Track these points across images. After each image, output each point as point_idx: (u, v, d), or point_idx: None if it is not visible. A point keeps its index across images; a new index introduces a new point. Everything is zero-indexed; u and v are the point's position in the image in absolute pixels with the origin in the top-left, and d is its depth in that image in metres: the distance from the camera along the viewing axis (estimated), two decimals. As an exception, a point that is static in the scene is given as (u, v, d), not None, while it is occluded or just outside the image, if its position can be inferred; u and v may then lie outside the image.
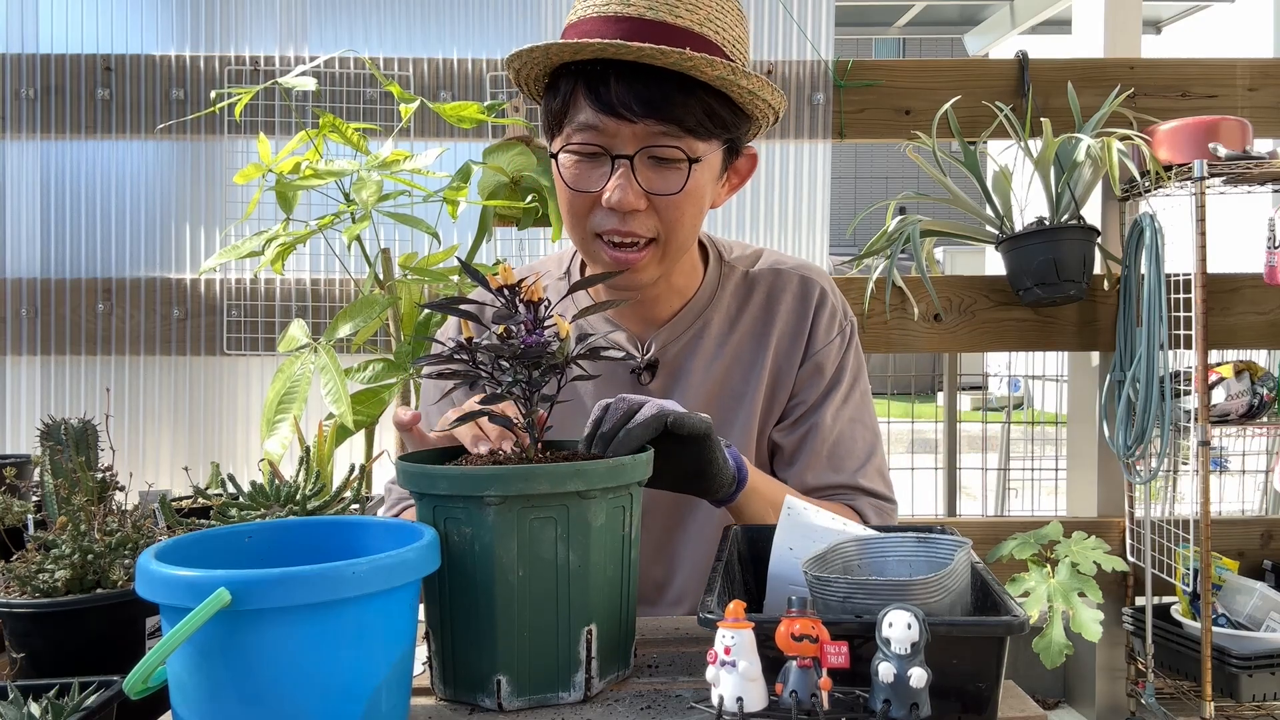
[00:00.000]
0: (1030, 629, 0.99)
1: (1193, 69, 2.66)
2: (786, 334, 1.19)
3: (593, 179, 1.03)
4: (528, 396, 0.83)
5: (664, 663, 0.88)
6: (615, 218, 1.03)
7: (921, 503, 3.64)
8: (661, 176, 1.02)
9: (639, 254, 1.05)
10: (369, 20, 2.60)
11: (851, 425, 1.19)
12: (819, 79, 2.61)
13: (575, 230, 1.08)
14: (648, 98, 0.97)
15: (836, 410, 1.18)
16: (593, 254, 1.08)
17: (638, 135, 1.00)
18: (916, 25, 6.44)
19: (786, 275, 1.21)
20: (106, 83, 2.55)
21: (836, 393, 1.19)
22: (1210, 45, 6.32)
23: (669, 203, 1.03)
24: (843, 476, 1.16)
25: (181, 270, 2.59)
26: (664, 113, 0.98)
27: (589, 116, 1.00)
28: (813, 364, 1.19)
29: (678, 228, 1.05)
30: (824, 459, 1.16)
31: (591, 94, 0.99)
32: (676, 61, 0.95)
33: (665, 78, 0.97)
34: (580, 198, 1.04)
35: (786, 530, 0.89)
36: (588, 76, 0.99)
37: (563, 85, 1.02)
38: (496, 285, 0.82)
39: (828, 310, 1.20)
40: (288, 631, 0.62)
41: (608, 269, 1.06)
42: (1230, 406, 2.37)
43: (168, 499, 1.32)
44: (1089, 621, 1.98)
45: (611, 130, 1.00)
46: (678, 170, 1.02)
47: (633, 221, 1.03)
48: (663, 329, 1.18)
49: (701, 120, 1.00)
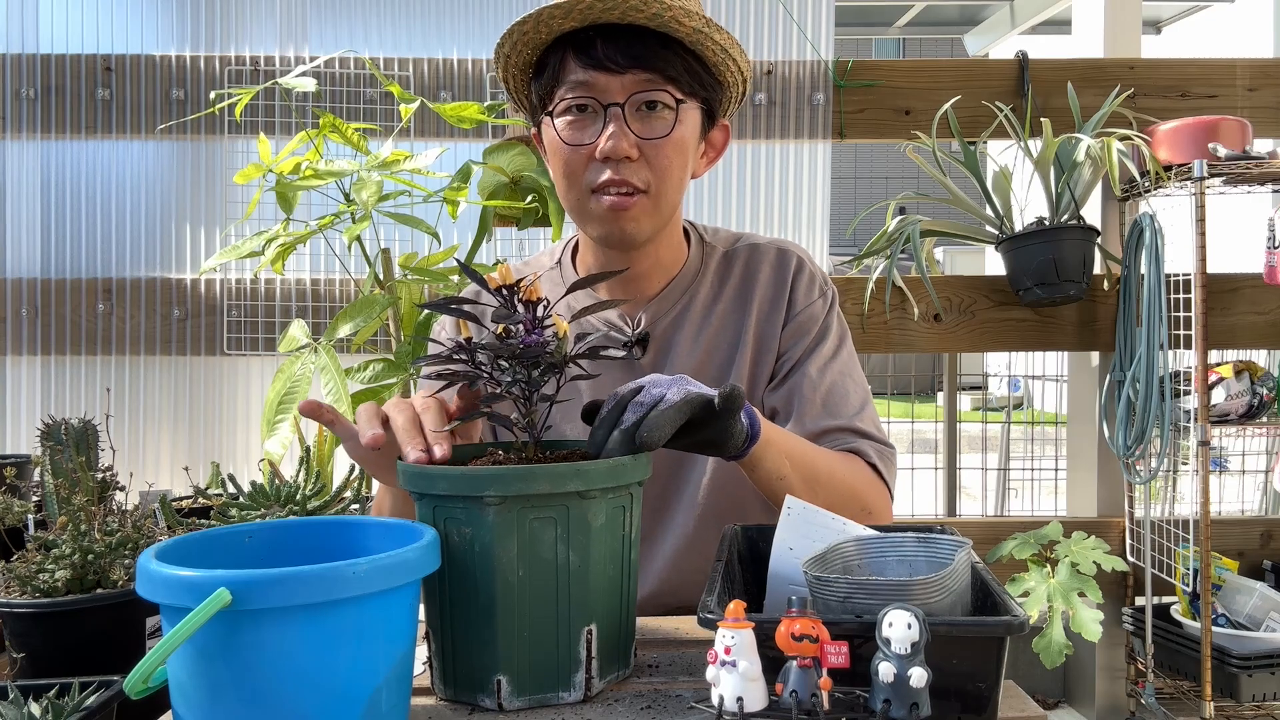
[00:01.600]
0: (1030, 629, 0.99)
1: (1193, 69, 2.66)
2: (766, 299, 1.23)
3: (586, 133, 1.10)
4: (527, 396, 0.83)
5: (664, 663, 0.88)
6: (609, 168, 1.10)
7: (921, 503, 3.64)
8: (650, 123, 1.10)
9: (632, 200, 1.12)
10: (369, 20, 2.60)
11: (842, 378, 1.21)
12: (819, 79, 2.61)
13: (571, 190, 1.14)
14: (632, 52, 1.06)
15: (825, 363, 1.21)
16: (588, 211, 1.14)
17: (625, 85, 1.08)
18: (916, 25, 6.44)
19: (763, 249, 1.27)
20: (106, 83, 2.55)
21: (824, 346, 1.22)
22: (1210, 45, 6.32)
23: (658, 150, 1.10)
24: (840, 420, 1.17)
25: (182, 270, 2.59)
26: (647, 63, 1.07)
27: (579, 75, 1.08)
28: (795, 324, 1.22)
29: (667, 176, 1.12)
30: (818, 406, 1.18)
31: (580, 54, 1.07)
32: (658, 12, 1.03)
33: (647, 36, 1.06)
34: (575, 154, 1.11)
35: (786, 530, 0.89)
36: (575, 42, 1.08)
37: (551, 59, 1.10)
38: (495, 285, 0.82)
39: (806, 275, 1.25)
40: (288, 631, 0.62)
41: (606, 223, 1.13)
42: (1230, 406, 2.37)
43: (168, 499, 1.32)
44: (1089, 621, 1.98)
45: (601, 84, 1.08)
46: (664, 118, 1.10)
47: (625, 169, 1.10)
48: (650, 304, 1.23)
49: (681, 73, 1.09)
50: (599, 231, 1.14)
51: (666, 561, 1.22)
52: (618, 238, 1.14)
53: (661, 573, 1.22)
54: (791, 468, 1.02)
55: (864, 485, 1.12)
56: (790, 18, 2.61)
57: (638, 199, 1.11)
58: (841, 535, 0.86)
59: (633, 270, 1.21)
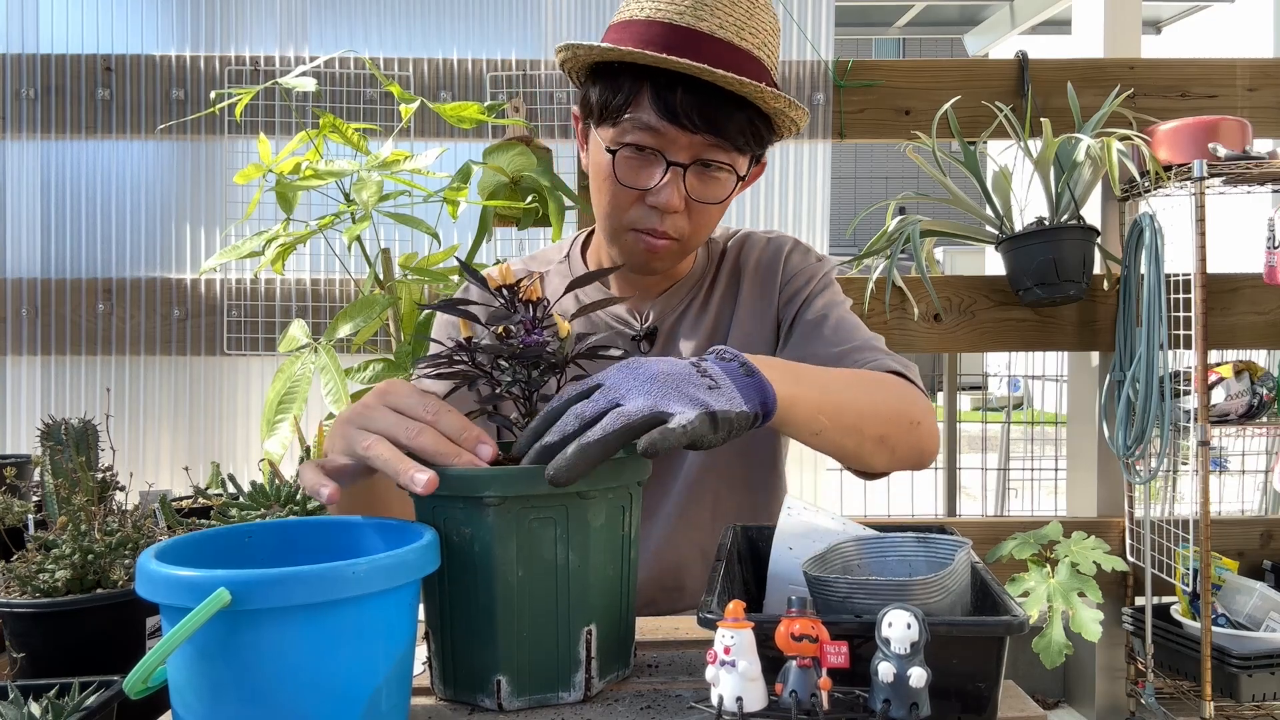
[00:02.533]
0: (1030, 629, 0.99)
1: (1193, 69, 2.66)
2: (760, 273, 1.24)
3: (641, 177, 1.09)
4: (527, 396, 0.83)
5: (664, 663, 0.88)
6: (655, 217, 1.09)
7: (921, 503, 3.64)
8: (706, 186, 1.09)
9: (666, 244, 1.12)
10: (369, 20, 2.60)
11: (849, 315, 1.20)
12: (819, 79, 2.61)
13: (610, 220, 1.13)
14: (708, 113, 1.04)
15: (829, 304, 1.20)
16: (622, 241, 1.14)
17: (694, 145, 1.06)
18: (916, 25, 6.45)
19: (756, 237, 1.29)
20: (106, 83, 2.55)
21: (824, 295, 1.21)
22: (1210, 45, 6.32)
23: (703, 209, 1.11)
24: (854, 343, 1.14)
25: (182, 270, 2.59)
26: (720, 128, 1.05)
27: (652, 119, 1.05)
28: (791, 288, 1.22)
29: (701, 230, 1.14)
30: (829, 335, 1.16)
31: (658, 99, 1.04)
32: (750, 92, 1.02)
33: (724, 95, 1.03)
34: (626, 193, 1.10)
35: (786, 530, 0.89)
36: (655, 81, 1.04)
37: (626, 82, 1.06)
38: (495, 285, 0.82)
39: (800, 250, 1.27)
40: (288, 631, 0.62)
41: (634, 256, 1.13)
42: (1230, 406, 2.37)
43: (168, 499, 1.32)
44: (1089, 621, 1.98)
45: (671, 137, 1.06)
46: (719, 182, 1.10)
47: (667, 221, 1.10)
48: (659, 300, 1.24)
49: (747, 138, 1.07)
50: (623, 260, 1.16)
51: (660, 542, 1.22)
52: (640, 270, 1.16)
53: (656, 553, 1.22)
54: (827, 419, 0.90)
55: (904, 400, 1.03)
56: (790, 18, 2.61)
57: (670, 244, 1.12)
58: (841, 535, 0.86)
59: None
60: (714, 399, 0.74)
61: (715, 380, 0.77)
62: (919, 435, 1.02)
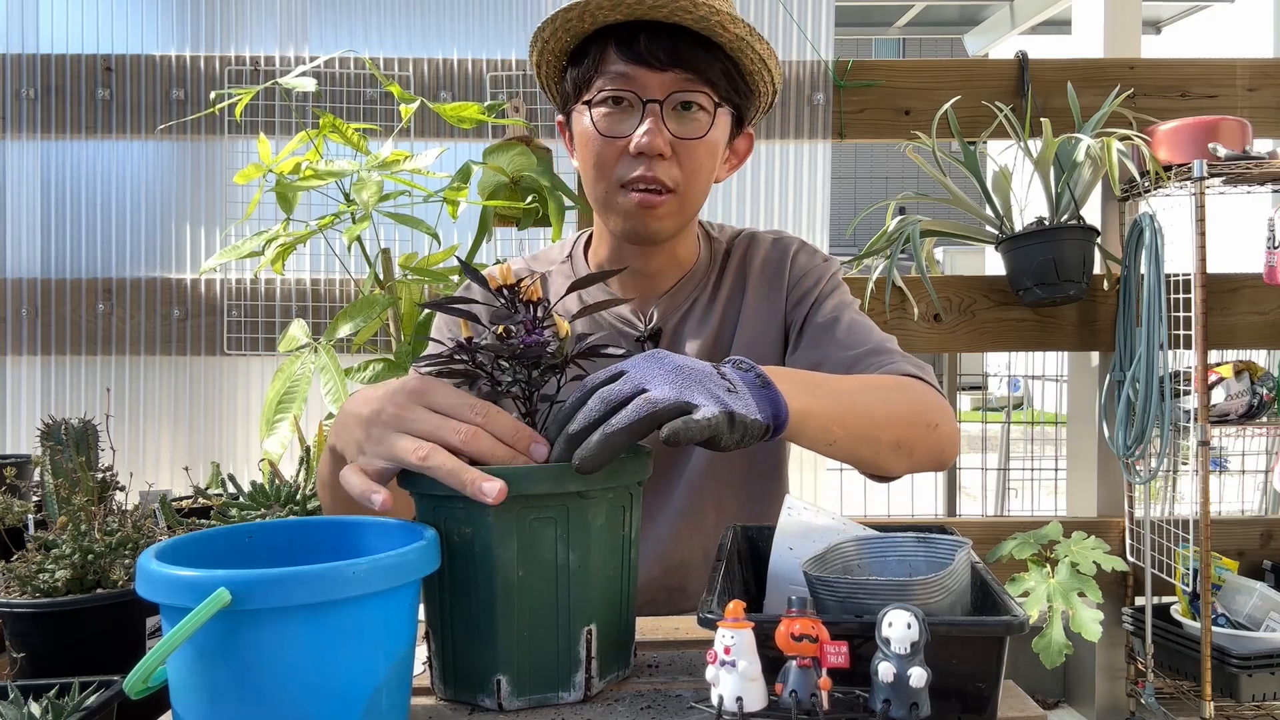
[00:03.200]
0: (1030, 629, 0.99)
1: (1192, 69, 2.66)
2: (764, 279, 1.25)
3: (622, 126, 1.10)
4: (527, 396, 0.83)
5: (664, 663, 0.88)
6: (642, 164, 1.10)
7: (921, 503, 3.64)
8: (685, 123, 1.10)
9: (661, 199, 1.12)
10: (369, 20, 2.60)
11: (860, 317, 1.21)
12: (819, 79, 2.61)
13: (600, 181, 1.14)
14: (675, 50, 1.07)
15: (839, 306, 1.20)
16: (615, 205, 1.14)
17: (665, 83, 1.08)
18: (916, 25, 6.45)
19: (761, 236, 1.30)
20: (106, 83, 2.55)
21: (834, 296, 1.22)
22: (1210, 45, 6.32)
23: (691, 150, 1.11)
24: (868, 346, 1.14)
25: (182, 270, 2.59)
26: (688, 63, 1.07)
27: (620, 67, 1.08)
28: (799, 290, 1.23)
29: (695, 177, 1.13)
30: (841, 342, 1.15)
31: (623, 47, 1.08)
32: (705, 15, 1.04)
33: (690, 37, 1.07)
34: (609, 145, 1.11)
35: (786, 530, 0.89)
36: (618, 35, 1.08)
37: (592, 49, 1.10)
38: (495, 285, 0.82)
39: (806, 250, 1.27)
40: (288, 631, 0.62)
41: (631, 217, 1.13)
42: (1230, 406, 2.37)
43: (168, 499, 1.32)
44: (1089, 621, 1.98)
45: (641, 79, 1.08)
46: (699, 119, 1.11)
47: (657, 167, 1.10)
48: (662, 299, 1.24)
49: (719, 77, 1.10)
50: (623, 226, 1.15)
51: (664, 543, 1.22)
52: (641, 234, 1.15)
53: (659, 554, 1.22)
54: (841, 430, 0.89)
55: (920, 404, 1.01)
56: (790, 18, 2.61)
57: (666, 198, 1.12)
58: (841, 535, 0.86)
59: (647, 267, 1.22)
60: (733, 401, 0.74)
61: (733, 385, 0.76)
62: (937, 437, 1.02)
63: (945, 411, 1.04)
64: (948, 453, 1.05)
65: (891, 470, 1.01)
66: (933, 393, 1.05)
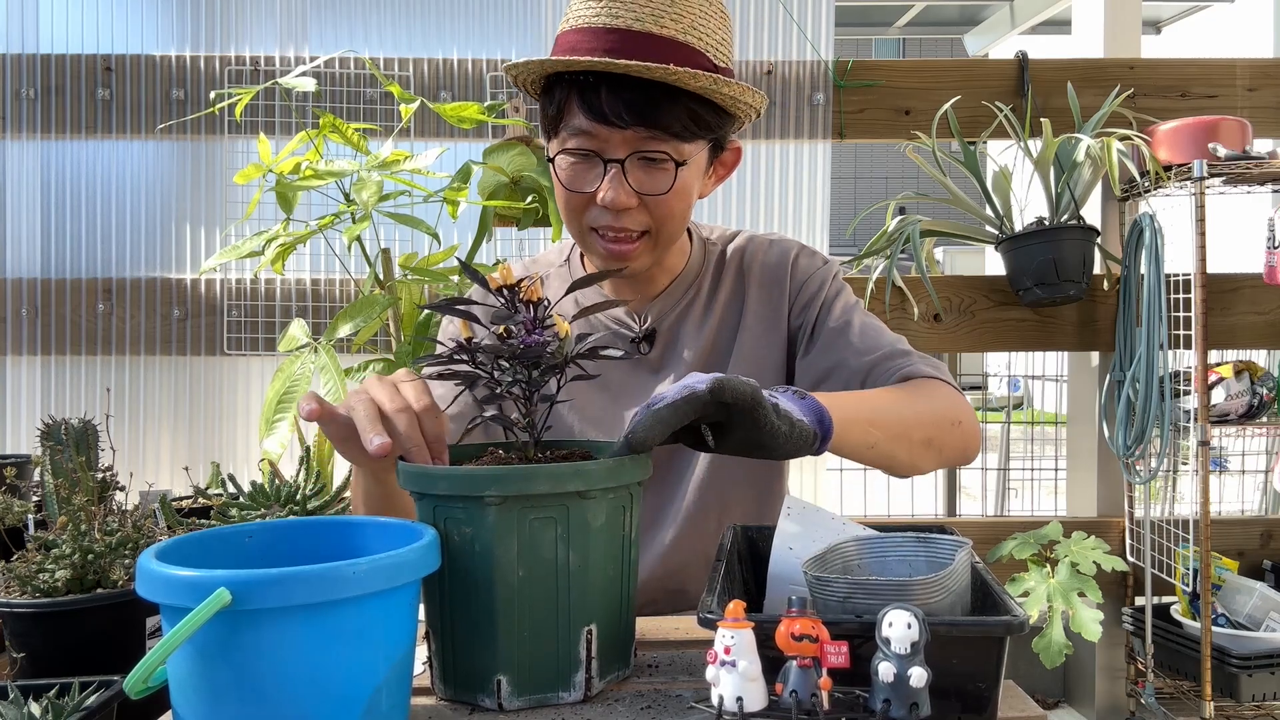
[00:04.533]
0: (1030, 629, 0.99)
1: (1192, 69, 2.66)
2: (765, 282, 1.24)
3: (587, 180, 1.10)
4: (527, 396, 0.83)
5: (664, 663, 0.88)
6: (609, 215, 1.10)
7: (921, 503, 3.64)
8: (651, 177, 1.09)
9: (632, 245, 1.12)
10: (369, 20, 2.60)
11: (869, 318, 1.21)
12: (819, 79, 2.61)
13: (572, 225, 1.15)
14: (636, 106, 1.03)
15: (847, 310, 1.20)
16: (589, 247, 1.15)
17: (628, 140, 1.06)
18: (916, 25, 6.44)
19: (760, 239, 1.29)
20: (106, 83, 2.55)
21: (840, 298, 1.22)
22: (1210, 45, 6.32)
23: (658, 201, 1.10)
24: (882, 350, 1.15)
25: (182, 270, 2.59)
26: (651, 120, 1.04)
27: (582, 123, 1.06)
28: (804, 296, 1.23)
29: (667, 222, 1.12)
30: (856, 345, 1.16)
31: (584, 103, 1.05)
32: (662, 76, 1.01)
33: (653, 86, 1.03)
34: (576, 196, 1.11)
35: (786, 530, 0.89)
36: (580, 86, 1.05)
37: (557, 92, 1.08)
38: (496, 285, 0.82)
39: (805, 253, 1.27)
40: (288, 631, 0.62)
41: (604, 261, 1.14)
42: (1230, 406, 2.37)
43: (168, 499, 1.32)
44: (1089, 621, 1.98)
45: (604, 136, 1.06)
46: (665, 171, 1.09)
47: (625, 218, 1.10)
48: (656, 301, 1.24)
49: (686, 125, 1.07)
50: (599, 265, 1.16)
51: (667, 546, 1.22)
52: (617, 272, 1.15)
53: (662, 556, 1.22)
54: (880, 433, 0.97)
55: (943, 403, 1.07)
56: (790, 18, 2.61)
57: (638, 243, 1.12)
58: (841, 535, 0.86)
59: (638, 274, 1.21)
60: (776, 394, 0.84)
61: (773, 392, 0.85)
62: (961, 434, 1.07)
63: (966, 409, 1.10)
64: (972, 447, 1.10)
65: (923, 468, 1.06)
66: (952, 391, 1.10)
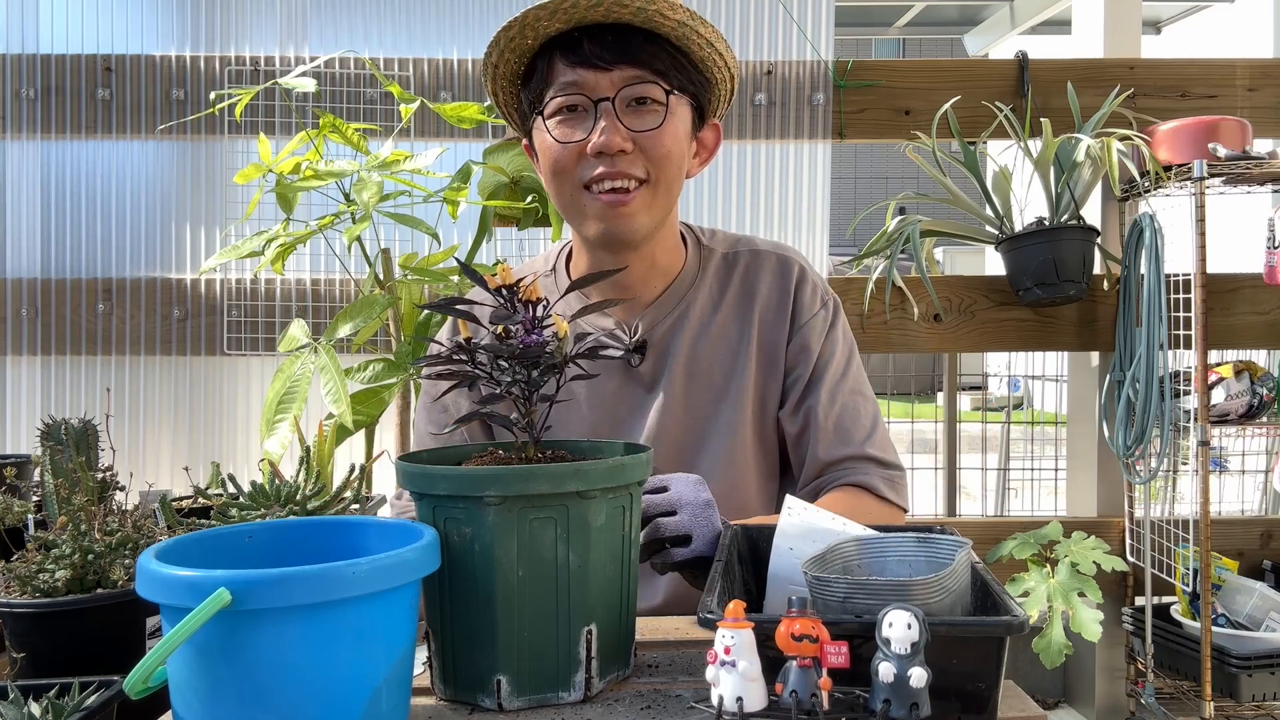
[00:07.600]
0: (1030, 629, 0.99)
1: (1192, 69, 2.66)
2: (770, 308, 1.23)
3: (578, 131, 1.10)
4: (526, 396, 0.83)
5: (664, 663, 0.88)
6: (603, 163, 1.09)
7: (921, 503, 3.64)
8: (641, 119, 1.10)
9: (630, 196, 1.11)
10: (369, 20, 2.60)
11: (852, 397, 1.22)
12: (819, 79, 2.61)
13: (563, 187, 1.13)
14: (619, 48, 1.07)
15: (835, 384, 1.21)
16: (582, 209, 1.13)
17: (614, 81, 1.08)
18: (916, 25, 6.44)
19: (764, 255, 1.27)
20: (106, 83, 2.55)
21: (831, 366, 1.22)
22: (1210, 45, 6.32)
23: (653, 140, 1.10)
24: (851, 448, 1.19)
25: (181, 270, 2.59)
26: (635, 58, 1.08)
27: (568, 75, 1.08)
28: (800, 341, 1.22)
29: (665, 165, 1.12)
30: (830, 434, 1.19)
31: (567, 54, 1.08)
32: (641, 7, 1.04)
33: (632, 34, 1.07)
34: (567, 151, 1.10)
35: (786, 530, 0.89)
36: (561, 45, 1.09)
37: (539, 64, 1.11)
38: (495, 285, 0.82)
39: (809, 285, 1.25)
40: (288, 631, 0.62)
41: (603, 219, 1.12)
42: (1230, 406, 2.37)
43: (168, 499, 1.32)
44: (1089, 621, 1.98)
45: (590, 81, 1.08)
46: (655, 111, 1.10)
47: (621, 162, 1.09)
48: (648, 310, 1.22)
49: (669, 66, 1.09)
50: (595, 230, 1.13)
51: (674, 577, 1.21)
52: (615, 235, 1.13)
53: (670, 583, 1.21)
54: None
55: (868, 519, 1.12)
56: (790, 18, 2.61)
57: (635, 193, 1.10)
58: (841, 535, 0.86)
59: (629, 274, 1.19)
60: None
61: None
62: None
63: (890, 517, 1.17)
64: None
65: None
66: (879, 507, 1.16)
